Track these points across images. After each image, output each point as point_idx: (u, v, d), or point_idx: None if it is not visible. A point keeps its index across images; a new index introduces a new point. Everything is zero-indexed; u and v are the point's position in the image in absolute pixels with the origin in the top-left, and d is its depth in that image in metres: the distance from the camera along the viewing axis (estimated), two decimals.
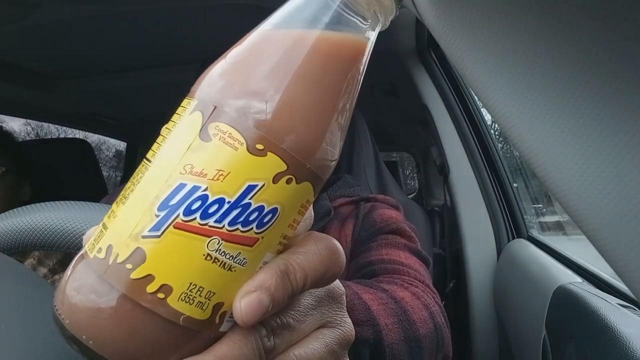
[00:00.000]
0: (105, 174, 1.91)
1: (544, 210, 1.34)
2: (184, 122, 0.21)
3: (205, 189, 0.19)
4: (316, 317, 0.25)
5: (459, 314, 1.19)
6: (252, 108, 0.20)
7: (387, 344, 0.41)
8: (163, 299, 0.19)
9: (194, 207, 0.19)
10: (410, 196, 2.77)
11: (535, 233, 1.05)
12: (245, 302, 0.20)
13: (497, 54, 0.21)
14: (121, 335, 0.19)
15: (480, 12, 0.22)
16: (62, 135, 2.49)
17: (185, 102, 0.22)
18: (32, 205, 0.41)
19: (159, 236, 0.19)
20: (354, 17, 0.22)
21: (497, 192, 1.08)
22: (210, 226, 0.19)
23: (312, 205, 0.24)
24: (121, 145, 2.35)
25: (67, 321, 0.20)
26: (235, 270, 0.20)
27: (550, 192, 0.20)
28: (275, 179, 0.20)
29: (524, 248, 0.94)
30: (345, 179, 0.83)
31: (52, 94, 1.34)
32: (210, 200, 0.19)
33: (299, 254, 0.22)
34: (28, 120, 3.77)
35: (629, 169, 0.17)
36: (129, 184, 0.22)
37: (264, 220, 0.20)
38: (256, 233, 0.20)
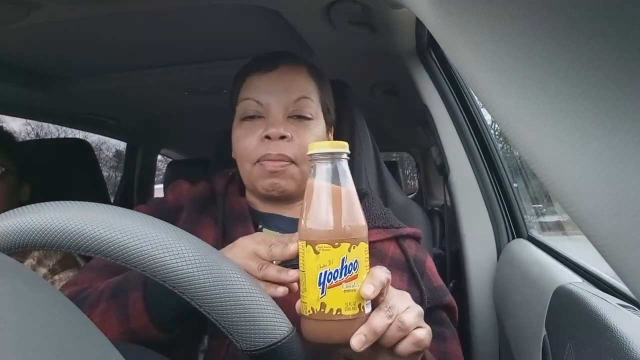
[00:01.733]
0: (105, 174, 1.91)
1: (544, 210, 1.34)
2: (305, 250, 0.48)
3: (331, 269, 0.47)
4: (402, 303, 0.50)
5: (459, 314, 1.19)
6: (327, 229, 0.47)
7: None
8: (341, 313, 0.47)
9: (329, 277, 0.47)
10: (410, 196, 2.77)
11: (535, 233, 1.05)
12: (368, 290, 0.47)
13: (497, 54, 0.21)
14: (335, 331, 0.47)
15: (479, 13, 0.22)
16: (62, 135, 2.49)
17: (300, 244, 0.49)
18: (32, 205, 0.41)
19: (325, 294, 0.47)
20: (343, 167, 0.50)
21: (497, 192, 1.08)
22: (339, 280, 0.47)
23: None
24: (121, 145, 2.35)
25: (313, 339, 0.48)
26: (357, 289, 0.47)
27: (550, 192, 0.20)
28: (349, 250, 0.47)
29: (524, 248, 0.94)
30: (372, 202, 0.81)
31: (52, 94, 1.34)
32: (333, 272, 0.47)
33: (374, 270, 0.49)
34: (28, 120, 3.78)
35: (629, 169, 0.17)
36: (301, 278, 0.49)
37: (355, 266, 0.47)
38: (355, 272, 0.47)
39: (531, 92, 0.20)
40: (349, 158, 0.51)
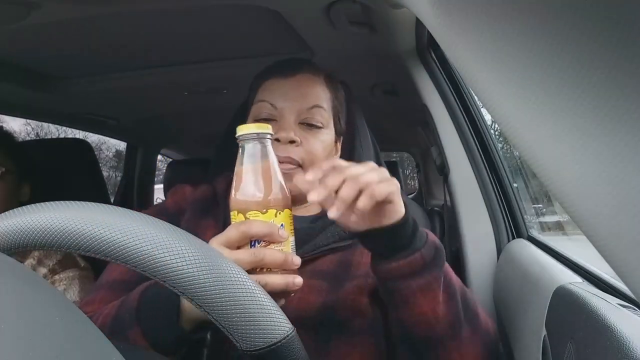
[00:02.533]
0: (105, 174, 1.91)
1: (544, 210, 1.34)
2: (237, 218, 0.55)
3: None
4: (364, 168, 0.55)
5: None
6: (256, 199, 0.54)
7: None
8: (271, 271, 0.54)
9: (260, 240, 0.54)
10: (410, 196, 2.77)
11: (535, 233, 1.05)
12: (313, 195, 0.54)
13: (497, 54, 0.21)
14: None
15: (480, 13, 0.22)
16: (62, 135, 2.49)
17: (232, 215, 0.56)
18: (32, 205, 0.41)
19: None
20: (267, 146, 0.56)
21: (497, 192, 1.08)
22: (268, 242, 0.54)
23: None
24: (121, 145, 2.35)
25: None
26: (284, 249, 0.54)
27: (550, 192, 0.20)
28: (275, 216, 0.54)
29: (524, 248, 0.94)
30: None
31: (52, 94, 1.34)
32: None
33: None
34: (28, 120, 3.78)
35: (629, 169, 0.17)
36: None
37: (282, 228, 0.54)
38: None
39: (531, 92, 0.20)
40: (272, 138, 0.57)
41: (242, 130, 0.56)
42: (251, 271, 0.51)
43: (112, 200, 1.96)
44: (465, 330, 0.63)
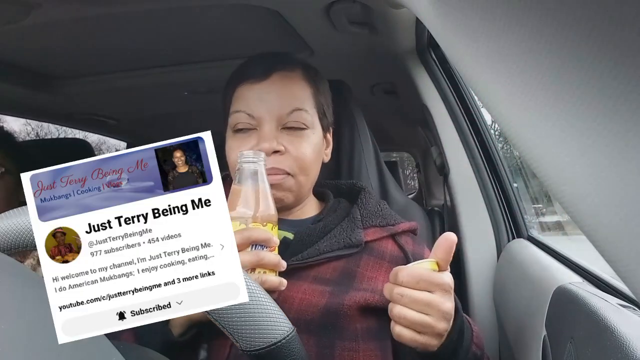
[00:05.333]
0: None
1: (544, 210, 1.34)
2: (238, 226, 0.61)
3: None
4: None
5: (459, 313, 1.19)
6: (246, 215, 0.60)
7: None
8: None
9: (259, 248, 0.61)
10: (410, 196, 2.77)
11: (535, 233, 1.05)
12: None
13: (497, 54, 0.21)
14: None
15: (480, 13, 0.22)
16: (62, 135, 2.49)
17: (234, 225, 0.58)
18: None
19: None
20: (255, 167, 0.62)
21: (497, 192, 1.08)
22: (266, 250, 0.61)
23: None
24: (121, 145, 2.35)
25: None
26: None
27: (550, 192, 0.20)
28: (272, 229, 0.62)
29: (524, 248, 0.94)
30: (368, 198, 0.82)
31: (52, 94, 1.34)
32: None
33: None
34: (28, 120, 3.78)
35: (629, 169, 0.17)
36: None
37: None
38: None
39: (531, 92, 0.20)
40: (265, 164, 0.63)
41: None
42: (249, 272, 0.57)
43: None
44: None
